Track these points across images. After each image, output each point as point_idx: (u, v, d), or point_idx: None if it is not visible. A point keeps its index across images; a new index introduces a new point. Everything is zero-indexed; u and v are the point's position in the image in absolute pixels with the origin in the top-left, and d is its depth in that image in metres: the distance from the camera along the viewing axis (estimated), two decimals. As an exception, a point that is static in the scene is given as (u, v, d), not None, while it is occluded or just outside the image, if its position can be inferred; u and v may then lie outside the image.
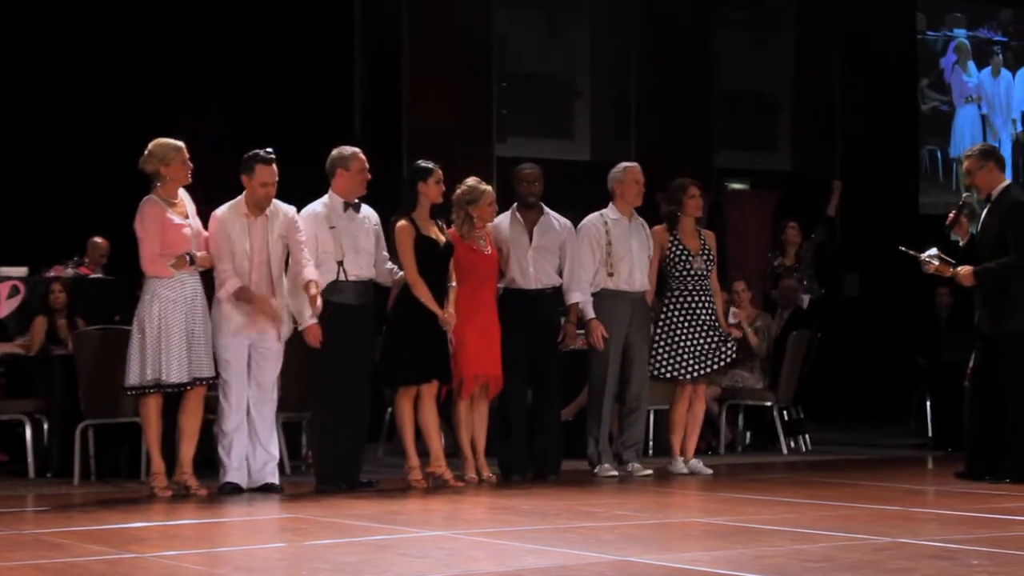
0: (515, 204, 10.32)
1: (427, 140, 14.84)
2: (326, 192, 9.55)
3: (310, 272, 9.17)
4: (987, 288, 9.59)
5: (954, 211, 9.94)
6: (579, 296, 10.23)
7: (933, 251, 9.79)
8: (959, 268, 9.62)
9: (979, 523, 7.53)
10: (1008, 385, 9.46)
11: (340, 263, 9.38)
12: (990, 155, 9.77)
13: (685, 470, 10.33)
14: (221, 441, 9.24)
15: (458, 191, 9.84)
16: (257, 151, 9.28)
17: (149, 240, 9.02)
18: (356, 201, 9.54)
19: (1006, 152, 19.66)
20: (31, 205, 14.52)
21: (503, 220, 10.18)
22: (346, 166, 9.51)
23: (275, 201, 9.29)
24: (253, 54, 15.35)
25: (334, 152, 9.60)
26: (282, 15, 15.31)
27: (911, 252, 9.92)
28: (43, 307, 11.69)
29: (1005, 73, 19.96)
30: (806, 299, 13.51)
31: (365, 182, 9.56)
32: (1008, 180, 9.74)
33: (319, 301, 9.08)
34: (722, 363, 10.53)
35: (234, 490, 9.15)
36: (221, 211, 9.25)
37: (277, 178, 9.25)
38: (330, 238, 9.38)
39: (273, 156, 9.25)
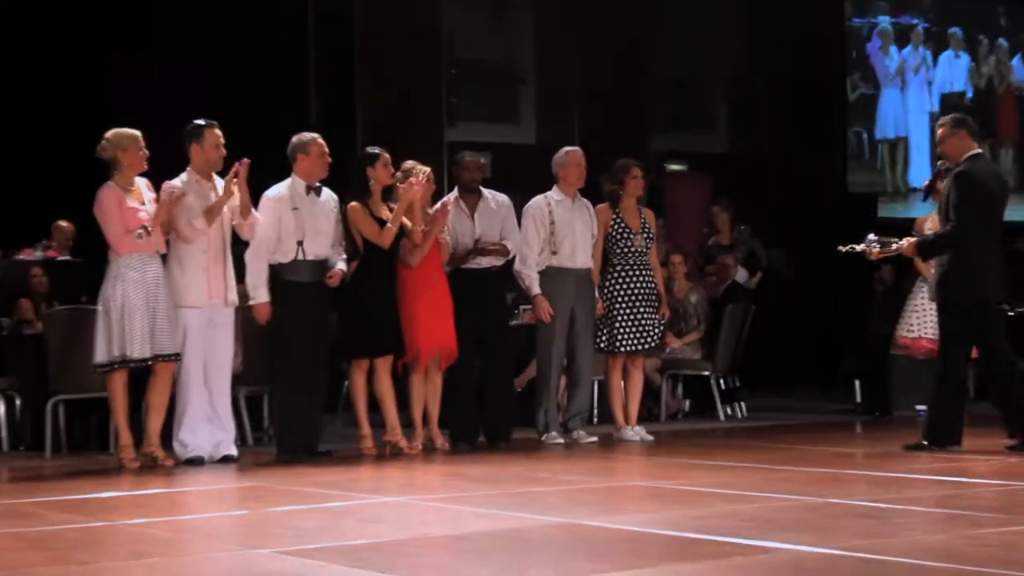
0: (456, 190, 10.34)
1: (380, 126, 14.84)
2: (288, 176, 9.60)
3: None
4: (927, 258, 9.49)
5: (929, 179, 9.89)
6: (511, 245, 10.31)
7: (871, 237, 9.69)
8: (902, 242, 9.55)
9: (905, 484, 7.60)
10: (942, 353, 9.32)
11: (300, 243, 9.39)
12: (962, 124, 9.30)
13: (636, 437, 10.36)
14: (181, 415, 9.22)
15: (398, 173, 9.83)
16: (197, 121, 9.32)
17: (112, 222, 8.99)
18: (317, 185, 9.55)
19: (923, 127, 19.86)
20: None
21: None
22: (306, 151, 9.54)
23: None
24: (215, 42, 15.35)
25: (294, 139, 9.62)
26: (239, 7, 15.32)
27: (850, 247, 9.85)
28: (24, 289, 11.69)
29: (924, 50, 20.16)
30: (751, 279, 13.63)
31: (326, 165, 9.59)
32: (978, 149, 9.25)
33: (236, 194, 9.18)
34: (655, 341, 10.59)
35: (197, 462, 9.14)
36: (175, 181, 9.20)
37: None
38: (292, 219, 9.39)
39: (215, 122, 9.33)
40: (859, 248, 9.67)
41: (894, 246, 9.55)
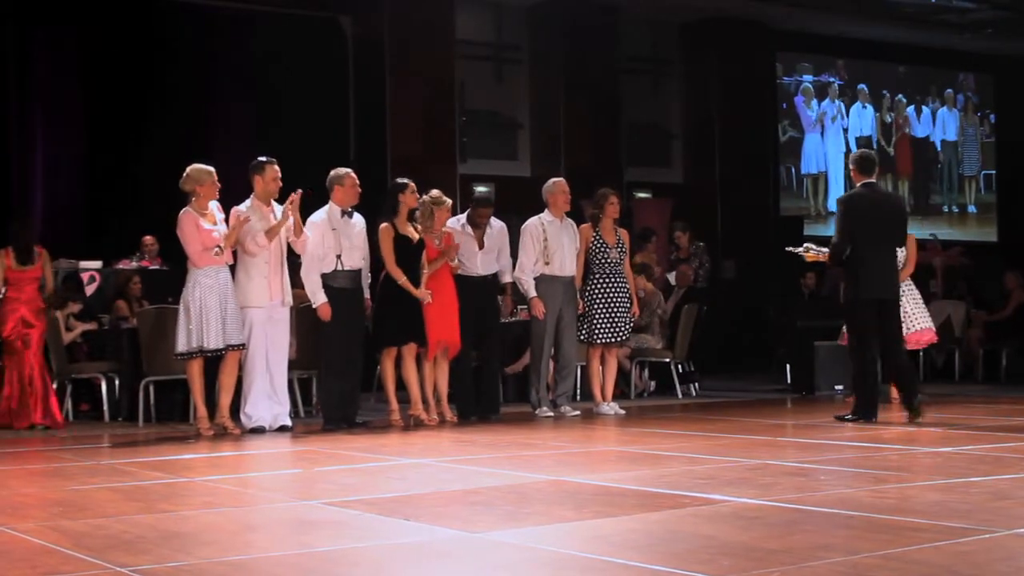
0: (466, 220, 10.29)
1: (406, 161, 14.82)
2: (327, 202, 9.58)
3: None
4: (834, 264, 9.39)
5: None
6: (509, 277, 10.30)
7: (809, 244, 9.81)
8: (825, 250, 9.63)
9: (825, 448, 7.58)
10: (851, 342, 9.20)
11: (339, 256, 9.38)
12: (854, 160, 9.23)
13: (611, 411, 10.34)
14: (246, 393, 9.19)
15: (426, 197, 9.81)
16: (260, 158, 9.32)
17: (192, 241, 8.99)
18: (350, 209, 9.53)
19: (839, 164, 19.88)
20: (101, 213, 14.45)
21: (455, 228, 10.14)
22: (340, 182, 9.52)
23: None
24: (274, 96, 15.36)
25: (331, 172, 9.60)
26: (299, 75, 15.40)
27: (792, 249, 9.87)
28: (121, 293, 11.74)
29: (839, 103, 20.23)
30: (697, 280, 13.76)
31: (357, 194, 9.55)
32: (868, 179, 9.08)
33: (291, 218, 9.13)
34: (626, 335, 10.56)
35: (259, 431, 9.12)
36: (241, 207, 9.19)
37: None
38: (332, 237, 9.37)
39: (274, 159, 9.32)
40: (798, 250, 9.75)
41: (822, 253, 9.61)
